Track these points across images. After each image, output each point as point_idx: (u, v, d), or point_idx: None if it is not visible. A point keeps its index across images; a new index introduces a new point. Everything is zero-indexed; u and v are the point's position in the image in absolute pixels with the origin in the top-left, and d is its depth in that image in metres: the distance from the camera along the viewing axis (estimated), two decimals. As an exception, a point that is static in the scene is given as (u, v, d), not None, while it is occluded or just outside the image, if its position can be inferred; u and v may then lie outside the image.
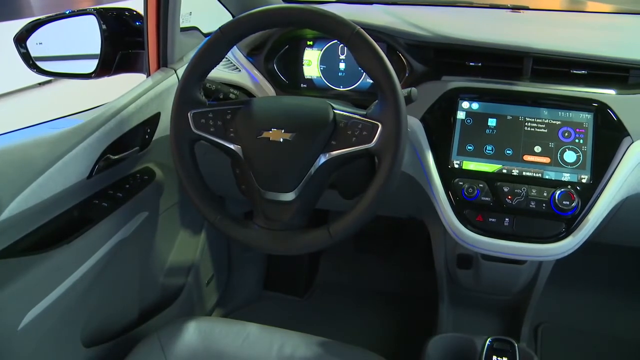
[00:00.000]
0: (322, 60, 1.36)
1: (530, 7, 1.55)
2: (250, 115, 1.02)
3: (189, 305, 1.64)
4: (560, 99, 1.16)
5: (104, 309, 1.27)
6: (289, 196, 0.99)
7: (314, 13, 0.95)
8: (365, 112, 0.97)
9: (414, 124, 1.19)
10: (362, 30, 0.93)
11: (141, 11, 1.30)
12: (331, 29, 0.95)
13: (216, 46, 1.01)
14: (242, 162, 1.02)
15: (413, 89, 1.02)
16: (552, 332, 1.80)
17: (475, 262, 1.39)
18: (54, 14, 1.29)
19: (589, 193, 1.09)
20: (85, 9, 1.28)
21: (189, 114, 1.02)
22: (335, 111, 0.99)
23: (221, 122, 1.02)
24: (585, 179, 1.10)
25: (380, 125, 0.94)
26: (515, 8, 1.53)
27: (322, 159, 0.97)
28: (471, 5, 1.63)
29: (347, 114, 0.98)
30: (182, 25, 1.36)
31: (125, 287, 1.35)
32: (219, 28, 0.99)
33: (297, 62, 1.37)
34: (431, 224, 1.47)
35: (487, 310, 1.66)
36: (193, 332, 1.14)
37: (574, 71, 1.22)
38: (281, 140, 0.97)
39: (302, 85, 1.38)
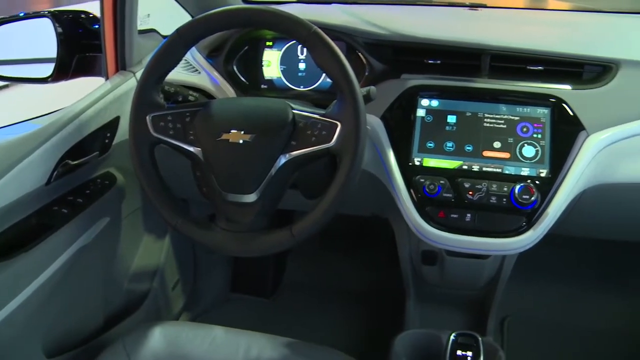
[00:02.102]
0: (282, 61, 1.35)
1: (488, 5, 1.57)
2: (210, 117, 1.01)
3: (155, 310, 1.62)
4: (517, 94, 1.18)
5: (67, 317, 1.25)
6: (251, 197, 0.98)
7: (271, 14, 0.95)
8: (324, 112, 0.97)
9: (374, 122, 1.19)
10: (319, 30, 0.93)
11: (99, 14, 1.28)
12: (288, 29, 0.95)
13: (173, 48, 0.99)
14: (203, 165, 1.01)
15: (372, 87, 1.02)
16: (517, 324, 1.83)
17: (439, 258, 1.40)
18: (6, 16, 1.27)
19: (548, 187, 1.10)
20: (39, 12, 1.25)
21: (147, 117, 1.01)
22: (294, 111, 0.99)
23: (180, 125, 1.01)
24: (544, 173, 1.12)
25: (339, 124, 0.93)
26: (473, 6, 1.55)
27: (283, 160, 0.97)
28: (430, 4, 1.65)
29: (306, 113, 0.98)
30: (140, 28, 1.34)
31: (88, 294, 1.33)
32: (176, 30, 0.98)
33: (257, 63, 1.36)
34: (395, 222, 1.47)
35: (454, 306, 1.67)
36: (158, 337, 1.12)
37: (531, 67, 1.23)
38: (241, 141, 0.97)
39: (262, 86, 1.37)
